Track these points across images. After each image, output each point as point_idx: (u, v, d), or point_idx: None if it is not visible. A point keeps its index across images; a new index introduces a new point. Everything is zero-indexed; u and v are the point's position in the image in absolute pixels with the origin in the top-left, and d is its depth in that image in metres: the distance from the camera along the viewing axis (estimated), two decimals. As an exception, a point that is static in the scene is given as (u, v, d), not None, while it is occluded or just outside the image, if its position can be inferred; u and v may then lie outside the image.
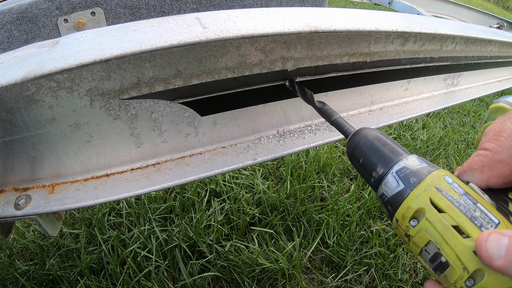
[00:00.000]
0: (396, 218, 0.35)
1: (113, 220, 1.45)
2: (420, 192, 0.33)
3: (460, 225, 0.30)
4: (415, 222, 0.33)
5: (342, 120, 0.51)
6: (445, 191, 0.32)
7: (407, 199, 0.34)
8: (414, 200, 0.33)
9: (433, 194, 0.32)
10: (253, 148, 0.65)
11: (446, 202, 0.32)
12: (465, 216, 0.31)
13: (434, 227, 0.32)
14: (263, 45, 0.55)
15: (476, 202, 0.32)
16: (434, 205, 0.32)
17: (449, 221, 0.31)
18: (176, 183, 0.56)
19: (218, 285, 1.29)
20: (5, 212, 0.49)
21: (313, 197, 1.73)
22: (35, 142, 0.49)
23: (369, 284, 1.40)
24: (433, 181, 0.33)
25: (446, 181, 0.33)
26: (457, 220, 0.31)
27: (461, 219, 0.31)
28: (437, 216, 0.32)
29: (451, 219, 0.31)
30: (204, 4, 1.18)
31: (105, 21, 1.07)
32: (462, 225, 0.30)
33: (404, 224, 0.34)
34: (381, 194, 0.38)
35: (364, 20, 0.64)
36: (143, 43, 0.45)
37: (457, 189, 0.33)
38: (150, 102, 0.53)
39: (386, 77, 0.81)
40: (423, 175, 0.34)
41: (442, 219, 0.31)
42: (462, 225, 0.30)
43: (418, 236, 0.33)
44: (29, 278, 1.23)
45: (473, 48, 0.95)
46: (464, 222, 0.30)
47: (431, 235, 0.32)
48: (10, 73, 0.42)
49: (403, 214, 0.34)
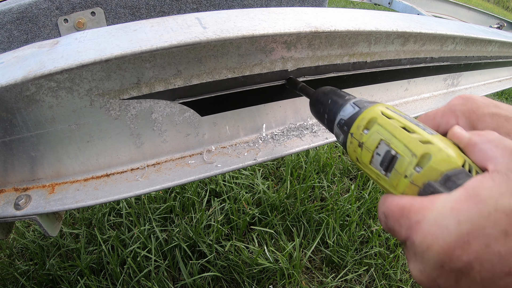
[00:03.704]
0: (351, 132, 0.40)
1: (113, 220, 1.45)
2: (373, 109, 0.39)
3: (407, 126, 0.35)
4: (368, 130, 0.38)
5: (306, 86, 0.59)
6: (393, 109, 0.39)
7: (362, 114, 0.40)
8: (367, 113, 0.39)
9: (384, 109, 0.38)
10: (253, 148, 0.65)
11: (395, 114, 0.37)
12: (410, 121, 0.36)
13: (385, 128, 0.36)
14: (263, 45, 0.55)
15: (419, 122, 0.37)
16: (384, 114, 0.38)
17: (397, 123, 0.36)
18: (176, 183, 0.56)
19: (218, 285, 1.29)
20: (5, 212, 0.49)
21: (313, 197, 1.73)
22: (35, 142, 0.49)
23: (369, 284, 1.40)
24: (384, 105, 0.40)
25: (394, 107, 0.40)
26: (404, 123, 0.36)
27: (407, 123, 0.36)
28: (388, 120, 0.37)
29: (399, 123, 0.36)
30: (204, 4, 1.18)
31: (105, 21, 1.07)
32: (409, 126, 0.35)
33: (358, 134, 0.39)
34: (339, 120, 0.44)
35: (364, 20, 0.64)
36: (143, 43, 0.45)
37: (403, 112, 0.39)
38: (150, 102, 0.53)
39: (386, 77, 0.81)
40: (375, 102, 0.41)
41: (391, 122, 0.36)
42: (409, 126, 0.35)
43: (370, 139, 0.37)
44: (29, 278, 1.23)
45: (473, 48, 0.95)
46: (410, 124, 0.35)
47: (382, 135, 0.36)
48: (10, 73, 0.42)
49: (358, 125, 0.40)
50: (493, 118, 0.40)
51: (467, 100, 0.42)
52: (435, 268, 0.28)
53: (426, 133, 0.34)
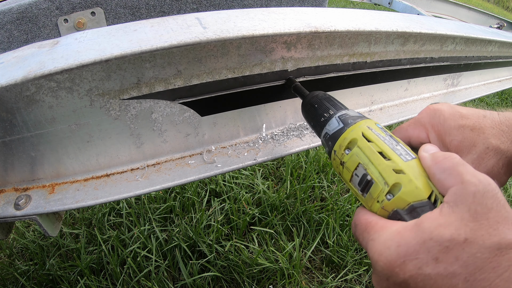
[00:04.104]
0: (334, 149, 0.43)
1: (113, 220, 1.45)
2: (355, 128, 0.42)
3: (384, 151, 0.38)
4: (349, 150, 0.41)
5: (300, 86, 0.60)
6: (374, 130, 0.41)
7: (344, 133, 0.42)
8: (349, 133, 0.42)
9: (365, 130, 0.41)
10: (253, 148, 0.65)
11: (374, 136, 0.39)
12: (388, 146, 0.38)
13: (363, 152, 0.39)
14: (263, 45, 0.55)
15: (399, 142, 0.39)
16: (365, 137, 0.40)
17: (375, 148, 0.38)
18: (176, 183, 0.56)
19: (218, 285, 1.29)
20: (5, 212, 0.49)
21: (313, 197, 1.73)
22: (35, 142, 0.49)
23: (369, 284, 1.40)
24: (366, 123, 0.42)
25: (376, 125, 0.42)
26: (381, 147, 0.38)
27: (385, 148, 0.38)
28: (366, 143, 0.39)
29: (377, 147, 0.38)
30: (204, 4, 1.18)
31: (105, 21, 1.07)
32: (385, 151, 0.37)
33: (340, 153, 0.42)
34: (325, 133, 0.46)
35: (364, 20, 0.64)
36: (143, 43, 0.45)
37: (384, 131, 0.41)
38: (150, 102, 0.53)
39: (386, 77, 0.81)
40: (359, 119, 0.44)
41: (370, 146, 0.39)
42: (386, 151, 0.38)
43: (350, 161, 0.40)
44: (29, 278, 1.23)
45: (473, 48, 0.95)
46: (387, 150, 0.38)
47: (360, 158, 0.39)
48: (10, 73, 0.42)
49: (340, 144, 0.42)
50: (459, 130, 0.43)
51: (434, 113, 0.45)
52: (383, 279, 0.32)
53: (401, 160, 0.36)
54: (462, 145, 0.42)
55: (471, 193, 0.30)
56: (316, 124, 0.50)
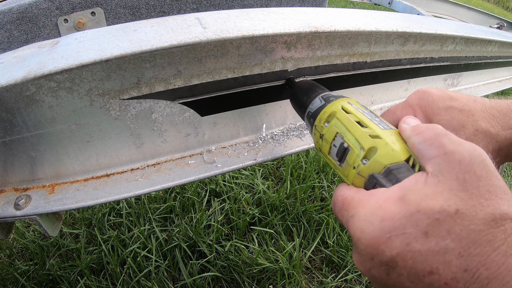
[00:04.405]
0: (315, 124, 0.44)
1: (113, 220, 1.45)
2: (336, 103, 0.43)
3: (362, 120, 0.38)
4: (328, 123, 0.42)
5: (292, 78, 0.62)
6: (354, 104, 0.41)
7: (325, 108, 0.43)
8: (329, 108, 0.42)
9: (345, 104, 0.42)
10: (253, 148, 0.65)
11: (353, 109, 0.40)
12: (366, 117, 0.38)
13: (342, 122, 0.40)
14: (263, 45, 0.55)
15: (378, 117, 0.39)
16: (344, 109, 0.41)
17: (353, 118, 0.39)
18: (176, 183, 0.56)
19: (218, 285, 1.29)
20: (5, 212, 0.49)
21: (313, 197, 1.73)
22: (35, 142, 0.49)
23: (369, 284, 1.40)
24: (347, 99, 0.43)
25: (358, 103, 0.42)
26: (359, 117, 0.38)
27: (362, 117, 0.38)
28: (345, 114, 0.40)
29: (355, 117, 0.39)
30: (204, 4, 1.18)
31: (105, 21, 1.07)
32: (363, 121, 0.38)
33: (320, 126, 0.43)
34: (308, 112, 0.48)
35: (364, 20, 0.64)
36: (143, 43, 0.45)
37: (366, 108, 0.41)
38: (150, 102, 0.53)
39: (386, 77, 0.80)
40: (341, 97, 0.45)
41: (348, 116, 0.39)
42: (363, 120, 0.38)
43: (329, 132, 0.41)
44: (29, 278, 1.23)
45: (473, 48, 0.95)
46: (365, 119, 0.38)
47: (338, 128, 0.39)
48: (10, 73, 0.42)
49: (320, 118, 0.43)
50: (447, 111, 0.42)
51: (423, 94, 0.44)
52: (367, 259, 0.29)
53: (378, 128, 0.36)
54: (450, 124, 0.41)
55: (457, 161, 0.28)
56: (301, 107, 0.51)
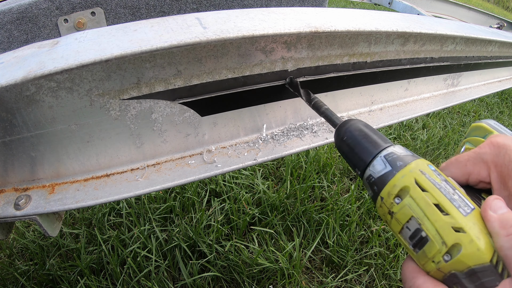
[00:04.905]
0: (382, 196, 0.38)
1: (113, 220, 1.45)
2: (406, 173, 0.36)
3: (441, 203, 0.33)
4: (399, 199, 0.36)
5: (330, 111, 0.54)
6: (428, 174, 0.36)
7: (393, 179, 0.37)
8: (399, 179, 0.36)
9: (418, 176, 0.36)
10: (253, 148, 0.65)
11: (429, 183, 0.35)
12: (445, 197, 0.34)
13: (417, 204, 0.34)
14: (264, 45, 0.55)
15: (455, 189, 0.35)
16: (418, 184, 0.35)
17: (431, 199, 0.34)
18: (176, 184, 0.56)
19: (218, 285, 1.29)
20: (5, 212, 0.49)
21: (313, 197, 1.73)
22: (35, 142, 0.49)
23: (369, 284, 1.40)
24: (418, 165, 0.37)
25: (429, 168, 0.37)
26: (438, 199, 0.34)
27: (442, 199, 0.34)
28: (421, 194, 0.35)
29: (433, 198, 0.34)
30: (204, 4, 1.18)
31: (105, 21, 1.07)
32: (443, 204, 0.33)
33: (389, 202, 0.37)
34: (368, 175, 0.41)
35: (364, 20, 0.64)
36: (143, 43, 0.45)
37: (439, 176, 0.36)
38: (150, 102, 0.53)
39: (386, 77, 0.80)
40: (409, 160, 0.38)
41: (425, 197, 0.34)
42: (443, 203, 0.33)
43: (401, 213, 0.36)
44: (29, 278, 1.23)
45: (473, 48, 0.95)
46: (444, 201, 0.33)
47: (414, 211, 0.35)
48: (10, 73, 0.42)
49: (388, 191, 0.37)
50: None
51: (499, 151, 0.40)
52: None
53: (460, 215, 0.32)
54: None
55: None
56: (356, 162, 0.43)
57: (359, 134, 0.44)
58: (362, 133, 0.44)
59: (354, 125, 0.46)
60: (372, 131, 0.44)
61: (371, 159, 0.41)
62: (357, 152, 0.43)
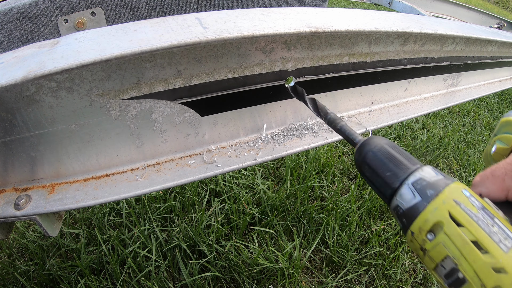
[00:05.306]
0: (412, 231, 0.34)
1: (113, 220, 1.45)
2: (438, 204, 0.32)
3: (479, 240, 0.30)
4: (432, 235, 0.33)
5: (348, 128, 0.50)
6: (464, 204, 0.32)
7: (424, 212, 0.33)
8: (432, 212, 0.33)
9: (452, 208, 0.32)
10: (253, 148, 0.65)
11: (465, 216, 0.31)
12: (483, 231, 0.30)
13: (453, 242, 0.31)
14: (264, 45, 0.55)
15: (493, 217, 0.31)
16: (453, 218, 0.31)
17: (468, 236, 0.30)
18: (176, 184, 0.56)
19: (218, 285, 1.29)
20: (5, 212, 0.49)
21: (313, 197, 1.73)
22: (35, 142, 0.49)
23: (369, 284, 1.40)
24: (451, 194, 0.33)
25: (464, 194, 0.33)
26: (476, 235, 0.30)
27: (480, 234, 0.30)
28: (456, 230, 0.31)
29: (470, 234, 0.30)
30: (204, 4, 1.18)
31: (105, 21, 1.07)
32: (481, 241, 0.30)
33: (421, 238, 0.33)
34: (395, 206, 0.36)
35: (364, 20, 0.64)
36: (143, 43, 0.45)
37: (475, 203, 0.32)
38: (150, 102, 0.53)
39: (387, 77, 0.80)
40: (441, 187, 0.33)
41: (461, 234, 0.31)
42: (481, 240, 0.30)
43: (435, 251, 0.32)
44: (29, 278, 1.23)
45: (473, 48, 0.95)
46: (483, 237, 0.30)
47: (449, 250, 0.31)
48: (10, 73, 0.42)
49: (419, 227, 0.33)
50: None
51: None
52: None
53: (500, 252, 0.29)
54: None
55: None
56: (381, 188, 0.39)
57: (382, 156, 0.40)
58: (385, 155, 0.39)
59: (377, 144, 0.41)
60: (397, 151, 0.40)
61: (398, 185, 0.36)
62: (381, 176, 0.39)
